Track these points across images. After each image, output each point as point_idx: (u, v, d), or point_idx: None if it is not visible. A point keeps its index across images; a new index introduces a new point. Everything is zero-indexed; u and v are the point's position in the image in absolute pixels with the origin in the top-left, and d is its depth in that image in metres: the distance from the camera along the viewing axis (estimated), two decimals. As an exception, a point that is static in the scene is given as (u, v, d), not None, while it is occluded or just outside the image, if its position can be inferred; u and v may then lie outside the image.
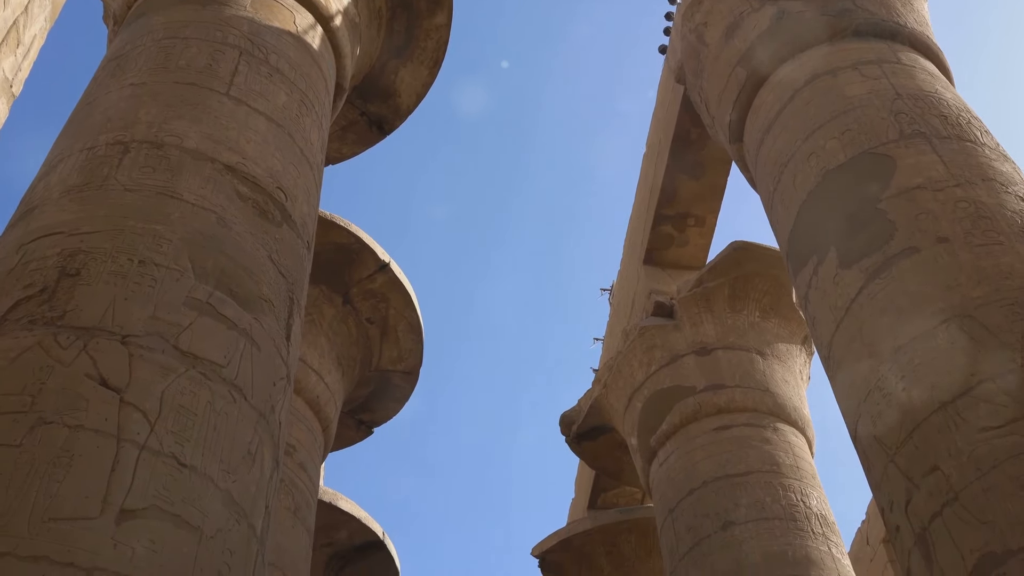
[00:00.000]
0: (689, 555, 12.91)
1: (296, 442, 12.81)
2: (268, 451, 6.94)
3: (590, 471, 19.13)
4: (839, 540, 12.91)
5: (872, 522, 20.29)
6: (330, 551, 15.93)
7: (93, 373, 6.24)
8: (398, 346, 15.06)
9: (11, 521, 5.32)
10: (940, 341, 7.69)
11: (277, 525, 11.61)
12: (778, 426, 13.93)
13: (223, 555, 6.00)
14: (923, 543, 7.19)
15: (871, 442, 8.03)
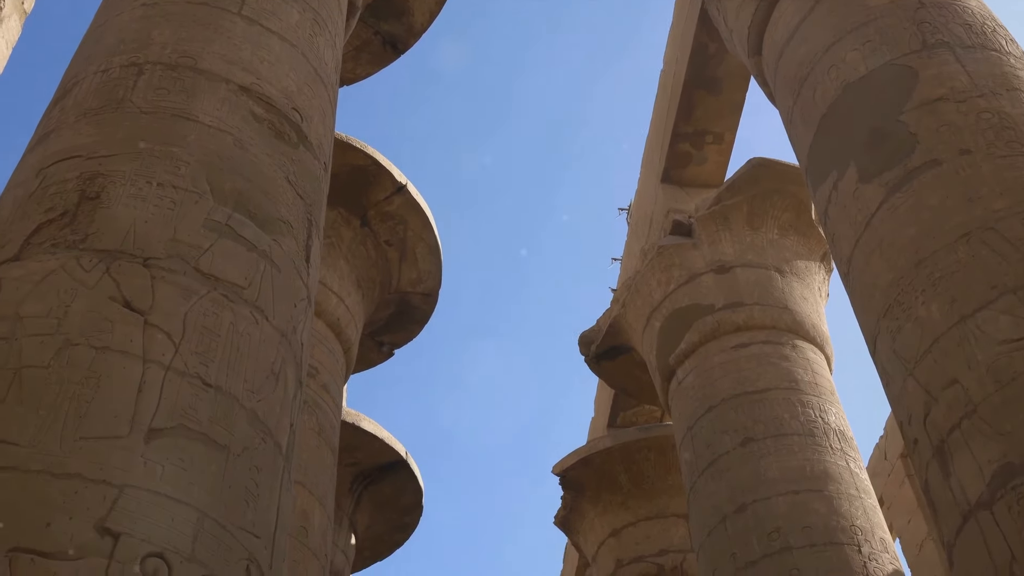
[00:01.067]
0: (708, 471, 13.05)
1: (318, 364, 12.94)
2: (291, 371, 7.03)
3: (609, 390, 19.28)
4: (857, 455, 13.02)
5: (890, 437, 20.43)
6: (354, 470, 16.18)
7: (117, 295, 6.31)
8: (417, 268, 15.11)
9: (43, 440, 5.43)
10: (961, 254, 7.65)
11: (302, 445, 11.78)
12: (797, 343, 13.96)
13: (250, 472, 6.12)
14: (941, 455, 7.24)
15: (890, 356, 8.05)
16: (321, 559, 11.85)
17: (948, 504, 7.07)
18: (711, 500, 12.75)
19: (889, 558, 11.76)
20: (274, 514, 6.30)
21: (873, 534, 11.87)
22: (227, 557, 5.66)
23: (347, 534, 16.08)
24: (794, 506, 11.96)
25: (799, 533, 11.70)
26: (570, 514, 18.74)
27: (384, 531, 17.63)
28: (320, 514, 12.06)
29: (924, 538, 19.07)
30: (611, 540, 18.00)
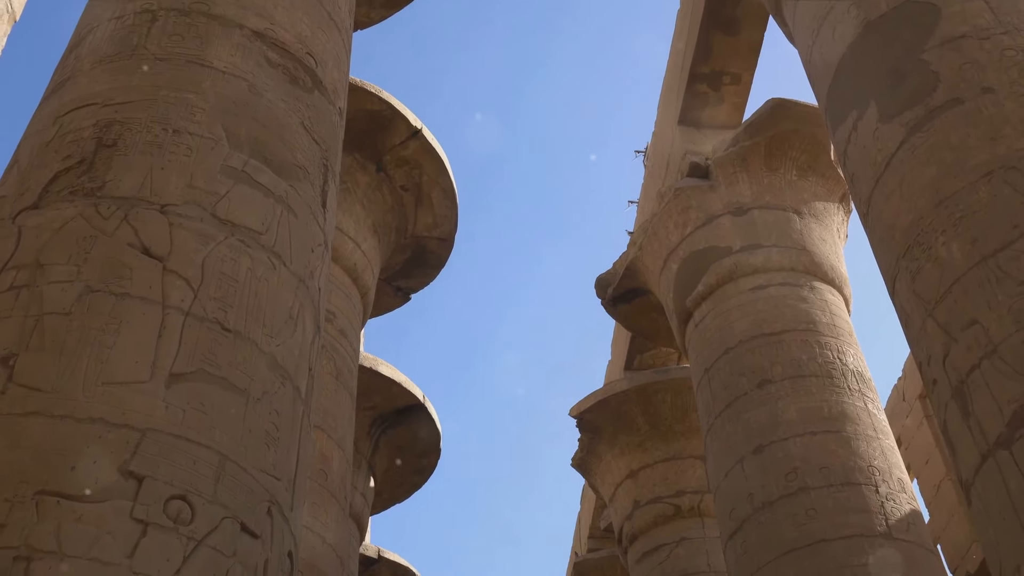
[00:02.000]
0: (725, 413, 13.09)
1: (335, 309, 12.99)
2: (309, 315, 7.06)
3: (626, 333, 19.30)
4: (875, 396, 13.02)
5: (908, 378, 20.43)
6: (373, 414, 16.30)
7: (135, 242, 6.33)
8: (433, 212, 15.08)
9: (66, 385, 5.49)
10: (982, 194, 7.58)
11: (320, 389, 11.88)
12: (815, 285, 13.91)
13: (270, 416, 6.17)
14: (960, 396, 7.23)
15: (909, 297, 8.01)
16: (340, 501, 11.98)
17: (967, 444, 7.08)
18: (728, 441, 12.80)
19: (906, 498, 11.81)
20: (294, 457, 6.36)
21: (891, 474, 11.90)
22: (249, 499, 5.73)
23: (366, 477, 16.24)
24: (811, 447, 12.00)
25: (816, 474, 11.75)
26: (587, 456, 18.87)
27: (402, 474, 17.80)
28: (339, 457, 12.18)
29: (942, 478, 19.15)
30: (628, 481, 18.14)
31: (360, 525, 15.85)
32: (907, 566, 11.01)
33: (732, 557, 12.22)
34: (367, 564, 19.15)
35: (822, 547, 11.17)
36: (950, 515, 18.82)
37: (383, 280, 15.49)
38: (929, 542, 11.68)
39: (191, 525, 5.37)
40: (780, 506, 11.72)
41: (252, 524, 5.67)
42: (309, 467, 7.20)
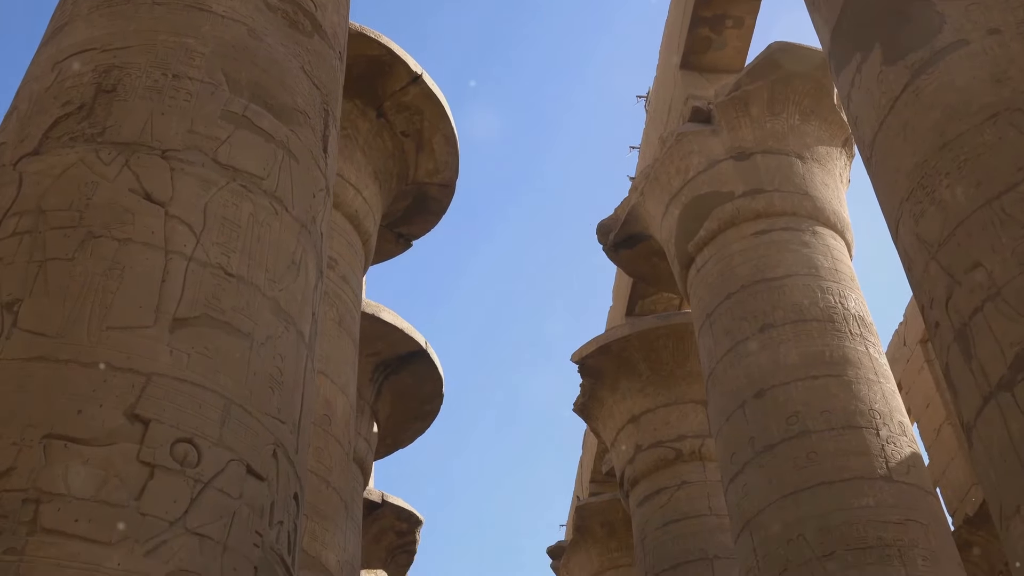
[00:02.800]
0: (726, 357, 13.13)
1: (337, 255, 12.99)
2: (311, 260, 7.06)
3: (628, 279, 19.32)
4: (876, 340, 13.05)
5: (910, 323, 20.48)
6: (375, 360, 16.37)
7: (137, 188, 6.31)
8: (434, 159, 15.02)
9: (71, 330, 5.51)
10: (987, 136, 7.52)
11: (323, 335, 11.92)
12: (817, 229, 13.89)
13: (274, 360, 6.20)
14: (962, 338, 7.24)
15: (912, 240, 7.99)
16: (344, 446, 12.07)
17: (968, 386, 7.10)
18: (730, 386, 12.86)
19: (907, 441, 11.88)
20: (298, 401, 6.40)
21: (891, 418, 11.97)
22: (254, 442, 5.77)
23: (369, 422, 16.36)
24: (813, 391, 12.05)
25: (818, 417, 11.81)
26: (589, 401, 18.98)
27: (405, 420, 17.93)
28: (343, 403, 12.25)
29: (942, 422, 19.27)
30: (630, 426, 18.25)
31: (364, 470, 15.99)
32: (907, 508, 11.11)
33: (733, 500, 12.33)
34: (371, 508, 19.35)
35: (823, 489, 11.27)
36: (950, 459, 18.97)
37: (384, 227, 15.47)
38: (929, 484, 11.78)
39: (197, 468, 5.42)
40: (781, 449, 11.81)
41: (258, 467, 5.72)
42: (313, 412, 7.24)
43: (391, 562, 21.07)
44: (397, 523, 20.48)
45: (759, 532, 11.59)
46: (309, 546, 10.78)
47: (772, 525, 11.44)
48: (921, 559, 10.65)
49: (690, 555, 16.42)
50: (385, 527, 20.37)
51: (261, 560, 5.53)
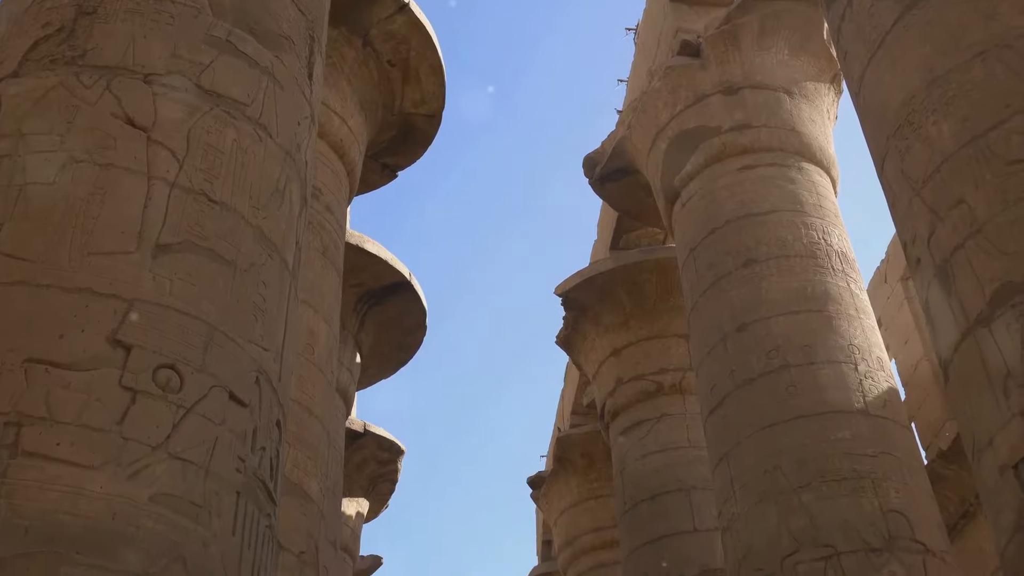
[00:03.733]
0: (709, 291, 13.19)
1: (322, 185, 12.91)
2: (296, 188, 7.02)
3: (613, 213, 19.29)
4: (858, 277, 13.13)
5: (891, 261, 20.58)
6: (359, 291, 16.37)
7: (119, 112, 6.24)
8: (420, 89, 14.87)
9: (53, 255, 5.48)
10: (976, 73, 7.49)
11: (307, 265, 11.89)
12: (803, 165, 13.88)
13: (257, 288, 6.19)
14: (943, 275, 7.29)
15: (897, 176, 8.00)
16: (327, 375, 12.12)
17: (947, 322, 7.16)
18: (712, 320, 12.94)
19: (884, 376, 12.01)
20: (282, 328, 6.40)
21: (870, 353, 12.09)
22: (237, 369, 5.78)
23: (352, 353, 16.41)
24: (794, 325, 12.14)
25: (798, 352, 11.92)
26: (572, 334, 19.06)
27: (388, 351, 17.99)
28: (326, 332, 12.27)
29: (919, 359, 19.46)
30: (612, 359, 18.37)
31: (346, 400, 16.09)
32: (882, 441, 11.27)
33: (712, 432, 12.48)
34: (353, 438, 19.50)
35: (801, 423, 11.41)
36: (925, 395, 19.20)
37: (369, 157, 15.36)
38: (904, 419, 11.93)
39: (180, 393, 5.44)
40: (761, 383, 11.92)
41: (240, 393, 5.74)
42: (296, 340, 7.25)
43: (373, 491, 21.30)
44: (379, 453, 20.66)
45: (736, 463, 11.75)
46: (291, 473, 10.87)
47: (749, 457, 11.60)
48: (894, 491, 10.83)
49: (668, 486, 16.64)
50: (367, 456, 20.55)
51: (243, 485, 5.58)
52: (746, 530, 11.33)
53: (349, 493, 20.22)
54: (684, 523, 16.18)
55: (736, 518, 11.54)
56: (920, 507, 10.90)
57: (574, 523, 22.51)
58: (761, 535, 11.10)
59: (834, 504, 10.81)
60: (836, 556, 10.49)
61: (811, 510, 10.85)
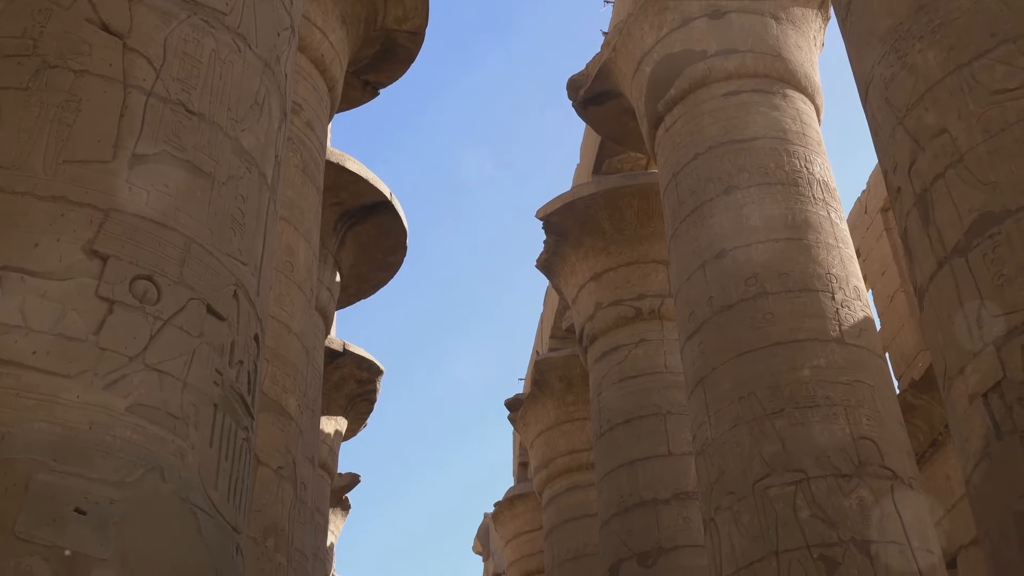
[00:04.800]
0: (690, 218, 13.20)
1: (302, 100, 12.76)
2: (275, 101, 6.92)
3: (596, 137, 19.19)
4: (839, 206, 13.15)
5: (872, 191, 20.61)
6: (339, 210, 16.29)
7: (93, 17, 6.09)
8: (403, 4, 14.65)
9: (27, 162, 5.39)
10: (963, 1, 7.44)
11: (287, 181, 11.80)
12: (788, 92, 13.80)
13: (236, 201, 6.13)
14: (922, 204, 7.31)
15: (881, 104, 7.97)
16: (307, 293, 12.10)
17: (924, 251, 7.20)
18: (692, 246, 12.96)
19: (861, 305, 12.10)
20: (260, 243, 6.36)
21: (847, 282, 12.16)
22: (215, 282, 5.75)
23: (332, 272, 16.38)
24: (773, 253, 12.18)
25: (776, 279, 11.98)
26: (552, 258, 19.08)
27: (368, 270, 17.97)
28: (305, 250, 12.23)
29: (896, 290, 19.61)
30: (591, 284, 18.43)
31: (326, 318, 16.10)
32: (856, 369, 11.39)
33: (689, 357, 12.58)
34: (332, 356, 19.56)
35: (776, 349, 11.51)
36: (900, 325, 19.38)
37: (351, 73, 15.17)
38: (879, 348, 12.05)
39: (157, 305, 5.40)
40: (739, 310, 12.00)
41: (218, 306, 5.72)
42: (275, 256, 7.22)
43: (351, 410, 21.44)
44: (358, 372, 20.75)
45: (712, 389, 11.87)
46: (270, 390, 10.91)
47: (725, 382, 11.72)
48: (866, 418, 10.99)
49: (644, 410, 16.83)
50: (346, 375, 20.65)
51: (221, 398, 5.59)
52: (719, 454, 11.49)
53: (328, 412, 20.35)
54: (659, 447, 16.40)
55: (710, 443, 11.69)
56: (890, 435, 11.07)
57: (550, 445, 22.77)
58: (734, 459, 11.27)
59: (806, 430, 10.96)
60: (806, 481, 10.67)
61: (783, 436, 11.01)
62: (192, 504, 5.18)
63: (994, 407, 6.36)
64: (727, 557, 10.92)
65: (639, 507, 15.91)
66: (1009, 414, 6.22)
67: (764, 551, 10.50)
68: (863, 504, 10.42)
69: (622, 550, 15.79)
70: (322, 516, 18.54)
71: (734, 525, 10.92)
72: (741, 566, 10.67)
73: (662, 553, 15.39)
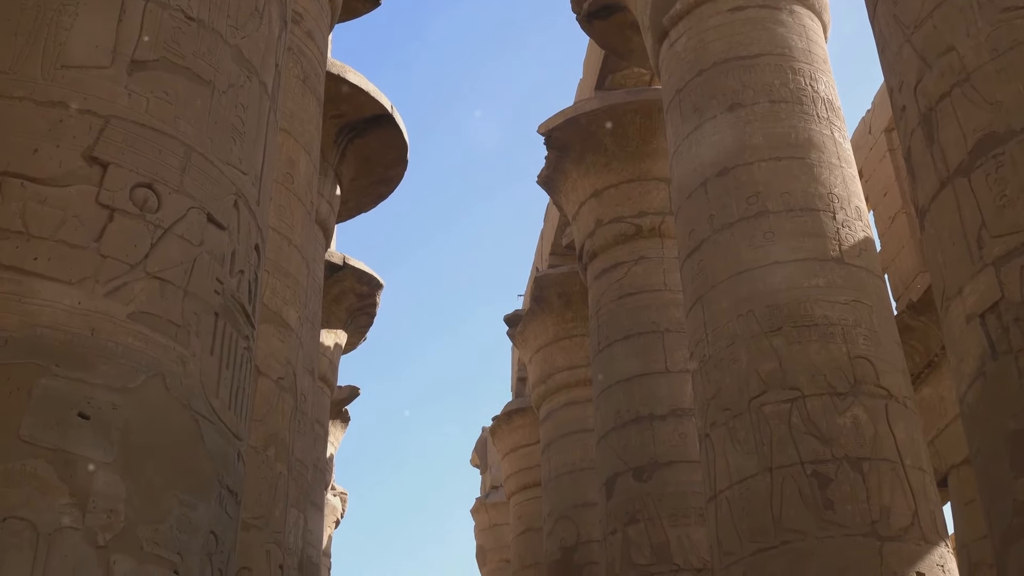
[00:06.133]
0: (693, 135, 13.10)
1: (302, 10, 12.59)
2: (275, 9, 6.83)
3: (599, 52, 18.97)
4: (843, 126, 13.04)
5: (876, 112, 20.45)
6: (339, 123, 16.17)
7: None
8: (406, -88, 14.36)
9: (24, 67, 5.33)
10: (977, -86, 7.29)
11: (287, 92, 11.69)
12: (795, 8, 13.59)
13: (236, 109, 6.09)
14: (927, 123, 7.26)
15: (889, 21, 7.87)
16: (307, 205, 12.08)
17: (927, 170, 7.17)
18: (694, 163, 12.89)
19: (862, 226, 12.09)
20: (260, 153, 6.33)
21: (849, 202, 12.13)
22: (215, 191, 5.74)
23: (332, 184, 16.33)
24: (775, 172, 12.12)
25: (777, 198, 11.94)
26: (553, 173, 19.00)
27: (368, 184, 17.90)
28: (305, 162, 12.17)
29: (897, 211, 19.58)
30: (592, 200, 18.38)
31: (326, 231, 16.09)
32: (855, 289, 11.42)
33: (688, 275, 12.60)
34: (333, 270, 19.61)
35: (776, 268, 11.53)
36: (901, 247, 19.39)
37: (352, -18, 14.94)
38: (878, 268, 12.07)
39: (157, 213, 5.40)
40: (739, 228, 11.98)
41: (219, 216, 5.71)
42: (275, 167, 7.19)
43: (351, 323, 21.55)
44: (358, 286, 20.82)
45: (710, 307, 11.92)
46: (270, 301, 10.95)
47: (723, 300, 11.75)
48: (863, 338, 11.05)
49: (642, 327, 16.91)
50: (346, 289, 20.71)
51: (222, 307, 5.61)
52: (716, 371, 11.58)
53: (327, 325, 20.46)
54: (656, 364, 16.53)
55: (707, 360, 11.77)
56: (886, 354, 11.14)
57: (548, 361, 22.94)
58: (731, 377, 11.36)
59: (803, 349, 11.03)
60: (802, 399, 10.77)
61: (781, 354, 11.08)
62: (194, 411, 5.24)
63: (991, 327, 6.40)
64: (721, 472, 11.07)
65: (635, 423, 16.09)
66: (1005, 334, 6.26)
67: (758, 467, 10.65)
68: (857, 422, 10.53)
69: (618, 464, 16.01)
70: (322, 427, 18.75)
71: (729, 441, 11.05)
72: (735, 481, 10.83)
73: (657, 468, 15.61)
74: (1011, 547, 6.10)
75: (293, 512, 10.88)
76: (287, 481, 10.50)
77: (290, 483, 10.67)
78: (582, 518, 20.55)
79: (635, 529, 15.32)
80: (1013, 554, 6.07)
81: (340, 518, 29.35)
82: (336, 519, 28.76)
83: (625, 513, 15.53)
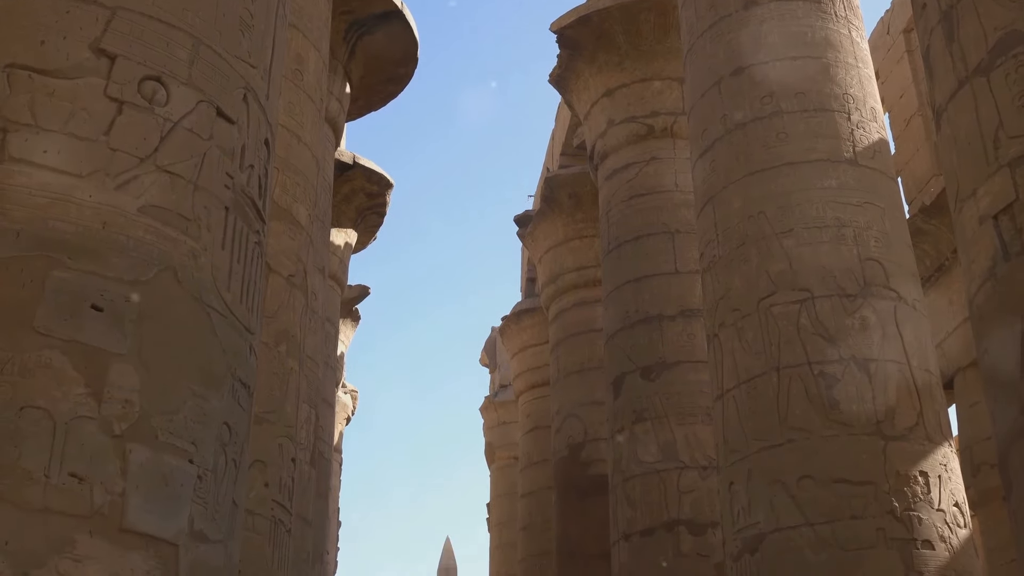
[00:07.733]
0: (708, 33, 12.87)
1: (311, -99, 12.31)
2: (284, -102, 6.69)
3: (614, -53, 18.53)
4: (861, 24, 12.80)
5: (896, 12, 20.06)
6: (349, 18, 15.92)
7: None
8: None
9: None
10: None
11: (295, -15, 11.50)
12: (815, -98, 13.22)
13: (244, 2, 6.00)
14: (948, 20, 7.11)
15: (912, -86, 7.66)
16: (316, 102, 11.98)
17: (946, 69, 7.05)
18: (708, 62, 12.70)
19: (876, 127, 11.95)
20: (269, 46, 6.26)
21: (864, 103, 11.97)
22: (224, 84, 5.69)
23: (342, 82, 16.16)
24: (791, 71, 11.94)
25: (792, 98, 11.78)
26: (565, 72, 18.76)
27: (378, 83, 17.70)
28: (315, 58, 12.03)
29: (913, 114, 19.35)
30: (604, 100, 18.17)
31: (335, 130, 15.98)
32: (867, 191, 11.35)
33: (700, 176, 12.52)
34: (342, 169, 19.53)
35: (788, 169, 11.44)
36: (915, 149, 19.21)
37: None
38: (892, 171, 11.97)
39: (166, 107, 5.36)
40: (752, 128, 11.85)
41: (228, 109, 5.67)
42: (283, 61, 7.11)
43: (361, 222, 21.54)
44: (367, 185, 20.75)
45: (721, 207, 11.86)
46: (280, 198, 10.94)
47: (735, 201, 11.69)
48: (874, 240, 11.01)
49: (652, 228, 16.88)
50: (356, 188, 20.66)
51: (232, 201, 5.61)
52: (726, 272, 11.58)
53: (337, 224, 20.47)
54: (666, 264, 16.54)
55: (717, 260, 11.77)
56: (897, 257, 11.12)
57: (558, 262, 22.97)
58: (740, 277, 11.36)
59: (814, 250, 11.01)
60: (811, 300, 10.79)
61: (791, 255, 11.06)
62: (206, 304, 5.27)
63: (1003, 228, 6.36)
64: (729, 371, 11.15)
65: (644, 323, 16.17)
66: (1018, 236, 6.23)
67: (765, 366, 10.72)
68: (865, 323, 10.56)
69: (626, 364, 16.15)
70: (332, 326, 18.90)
71: (737, 340, 11.11)
72: (742, 380, 10.91)
73: (665, 367, 15.73)
74: (1014, 445, 6.17)
75: (304, 408, 11.05)
76: (299, 377, 10.63)
77: (301, 379, 10.80)
78: (590, 416, 20.80)
79: (642, 427, 15.52)
80: (1016, 451, 6.14)
81: (351, 415, 29.80)
82: (347, 416, 29.20)
83: (632, 412, 15.71)
